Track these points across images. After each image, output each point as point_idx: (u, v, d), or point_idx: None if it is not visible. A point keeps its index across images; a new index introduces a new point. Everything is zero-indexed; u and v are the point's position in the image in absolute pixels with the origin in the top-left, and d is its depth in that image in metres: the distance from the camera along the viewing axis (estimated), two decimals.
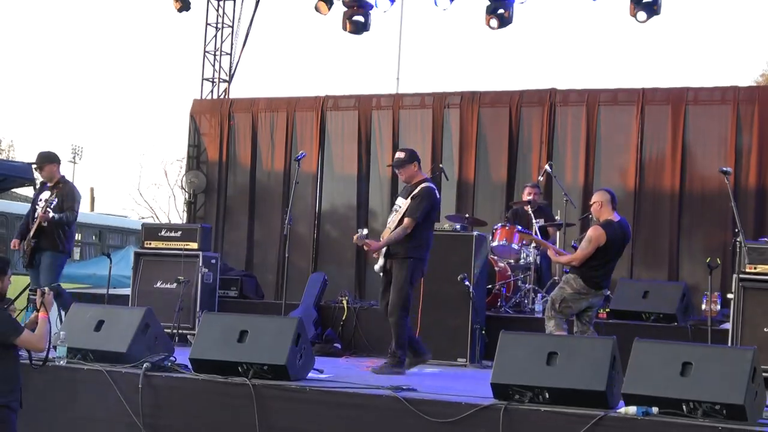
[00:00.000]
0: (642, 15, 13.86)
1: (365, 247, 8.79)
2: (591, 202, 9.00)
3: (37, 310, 6.56)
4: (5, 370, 6.33)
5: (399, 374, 8.28)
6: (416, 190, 8.64)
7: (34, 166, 10.11)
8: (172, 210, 41.85)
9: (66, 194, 10.04)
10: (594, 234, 8.61)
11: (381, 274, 8.81)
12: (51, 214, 9.70)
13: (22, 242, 9.89)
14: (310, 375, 7.53)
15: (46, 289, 6.69)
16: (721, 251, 11.81)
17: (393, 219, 8.68)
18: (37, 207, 9.91)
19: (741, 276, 8.58)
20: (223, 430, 7.01)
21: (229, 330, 7.35)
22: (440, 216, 12.83)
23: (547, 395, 6.26)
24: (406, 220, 8.50)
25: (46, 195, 9.92)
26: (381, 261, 8.66)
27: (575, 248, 9.13)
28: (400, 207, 8.66)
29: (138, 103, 69.00)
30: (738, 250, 8.76)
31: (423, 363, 8.76)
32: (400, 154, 8.98)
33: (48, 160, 10.22)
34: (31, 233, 9.75)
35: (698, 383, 5.96)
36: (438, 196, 8.95)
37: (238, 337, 7.25)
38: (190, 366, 7.39)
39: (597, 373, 6.22)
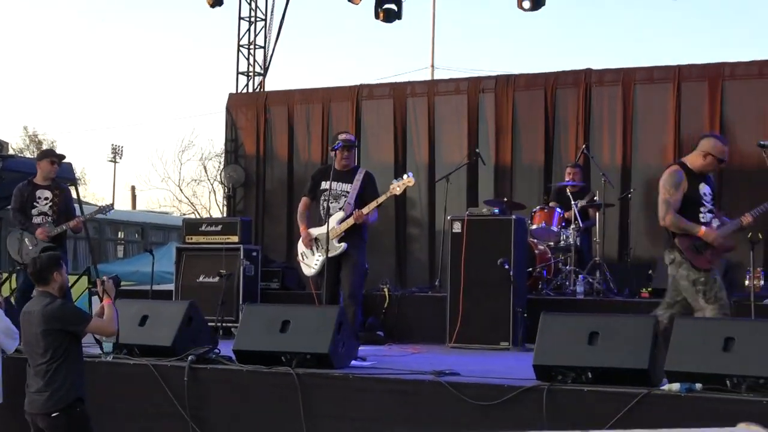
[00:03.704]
0: None
1: (356, 219, 8.82)
2: None
3: (101, 298, 6.78)
4: (78, 364, 6.62)
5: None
6: (362, 175, 8.93)
7: (52, 161, 10.00)
8: (213, 205, 42.11)
9: (68, 194, 10.14)
10: None
11: (316, 267, 8.90)
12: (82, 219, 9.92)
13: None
14: (354, 363, 7.60)
15: (105, 277, 6.89)
16: (763, 226, 11.71)
17: (344, 203, 8.80)
18: (36, 204, 9.79)
19: None
20: (268, 419, 7.07)
21: (272, 320, 7.41)
22: (478, 201, 12.92)
23: (589, 375, 6.27)
24: (376, 200, 8.83)
25: (47, 194, 9.83)
26: (340, 245, 8.69)
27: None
28: (346, 191, 8.75)
29: (175, 100, 69.58)
30: None
31: None
32: (351, 136, 9.29)
33: (63, 158, 10.31)
34: (53, 233, 9.68)
35: (741, 358, 5.95)
36: None
37: (281, 328, 7.30)
38: (234, 357, 7.45)
39: (639, 351, 6.23)
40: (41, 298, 6.52)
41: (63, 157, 10.45)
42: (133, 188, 47.07)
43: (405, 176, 9.14)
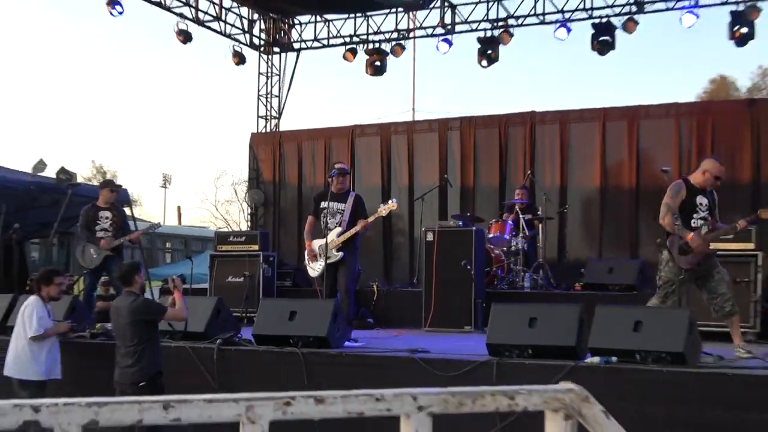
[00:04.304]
0: (603, 49, 13.96)
1: (361, 230, 8.73)
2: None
3: (171, 293, 7.11)
4: (158, 345, 6.83)
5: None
6: (353, 197, 8.80)
7: (112, 190, 10.05)
8: (242, 221, 42.12)
9: (123, 214, 10.07)
10: None
11: (318, 269, 8.79)
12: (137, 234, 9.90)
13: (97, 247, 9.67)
14: (347, 343, 7.63)
15: (175, 276, 7.28)
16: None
17: (340, 219, 8.71)
18: (99, 222, 9.70)
19: None
20: (279, 389, 7.07)
21: (282, 311, 7.45)
22: (447, 215, 12.97)
23: (530, 351, 6.33)
24: (365, 219, 8.67)
25: (107, 214, 9.76)
26: (338, 254, 8.65)
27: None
28: (341, 209, 8.73)
29: (212, 137, 69.61)
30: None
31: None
32: (345, 166, 9.18)
33: (120, 187, 10.39)
34: (113, 244, 9.64)
35: (648, 337, 6.01)
36: None
37: (289, 317, 7.35)
38: (253, 340, 7.50)
39: (568, 332, 6.27)
40: (127, 296, 6.72)
41: (120, 186, 10.51)
42: (179, 208, 47.06)
43: (390, 201, 9.05)
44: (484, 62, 14.73)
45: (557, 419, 1.82)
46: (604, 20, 13.97)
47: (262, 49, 16.93)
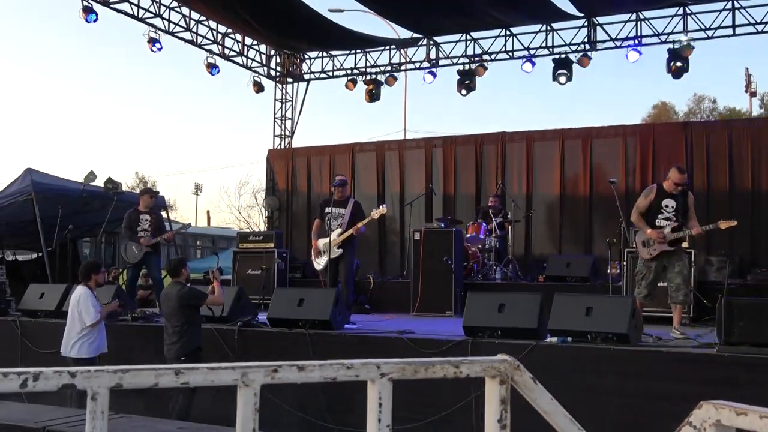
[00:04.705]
0: (562, 79, 13.95)
1: (355, 232, 8.67)
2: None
3: (211, 283, 7.19)
4: (199, 325, 6.86)
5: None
6: (353, 203, 8.76)
7: (151, 196, 10.03)
8: (261, 223, 42.01)
9: (160, 217, 10.03)
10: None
11: (322, 263, 8.72)
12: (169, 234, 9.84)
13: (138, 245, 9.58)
14: (347, 326, 7.62)
15: (213, 268, 7.38)
16: (618, 234, 11.81)
17: (341, 222, 8.65)
18: (140, 224, 9.60)
19: (628, 250, 8.59)
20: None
21: (292, 298, 7.45)
22: (432, 218, 12.98)
23: (499, 332, 6.34)
24: (362, 221, 8.59)
25: (147, 217, 9.66)
26: (338, 250, 8.61)
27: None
28: (342, 214, 8.70)
29: (236, 153, 69.53)
30: (621, 233, 8.75)
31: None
32: (344, 177, 9.13)
33: (157, 193, 10.39)
34: (151, 242, 9.54)
35: (597, 320, 6.02)
36: None
37: (298, 303, 7.35)
38: (267, 323, 7.49)
39: (531, 316, 6.29)
40: (175, 285, 6.80)
41: (158, 193, 10.53)
42: (208, 212, 46.84)
43: (381, 207, 9.03)
44: (463, 91, 14.72)
45: (494, 384, 1.88)
46: (563, 56, 13.99)
47: (277, 79, 16.91)
